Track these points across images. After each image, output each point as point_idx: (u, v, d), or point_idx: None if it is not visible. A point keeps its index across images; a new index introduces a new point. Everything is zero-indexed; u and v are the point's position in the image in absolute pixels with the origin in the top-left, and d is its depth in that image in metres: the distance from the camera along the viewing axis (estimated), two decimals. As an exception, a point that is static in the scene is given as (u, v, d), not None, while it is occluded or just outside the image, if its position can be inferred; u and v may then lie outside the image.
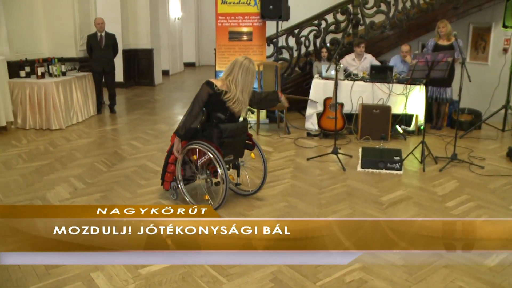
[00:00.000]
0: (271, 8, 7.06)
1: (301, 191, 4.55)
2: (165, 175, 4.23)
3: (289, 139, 6.59)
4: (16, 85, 7.05)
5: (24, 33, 7.90)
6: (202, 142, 3.95)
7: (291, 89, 8.31)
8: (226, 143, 3.98)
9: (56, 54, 8.12)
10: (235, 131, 4.04)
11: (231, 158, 4.17)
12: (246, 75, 3.94)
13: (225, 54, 7.62)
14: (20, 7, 7.76)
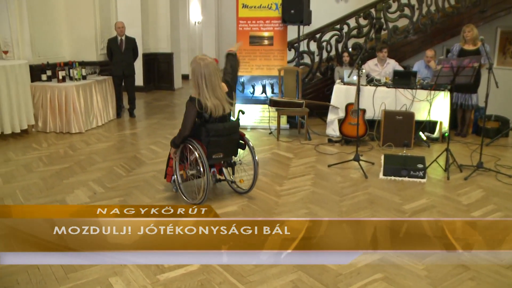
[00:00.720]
0: (292, 13, 7.07)
1: (322, 198, 4.53)
2: (167, 169, 4.58)
3: (310, 145, 6.57)
4: (37, 89, 7.20)
5: (46, 37, 8.06)
6: (192, 140, 4.24)
7: (312, 94, 8.30)
8: (213, 142, 4.22)
9: (77, 58, 8.28)
10: (222, 130, 4.26)
11: (220, 156, 4.38)
12: (211, 79, 4.10)
13: (245, 59, 7.65)
14: (42, 11, 7.93)
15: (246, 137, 4.56)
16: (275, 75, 7.53)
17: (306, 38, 8.19)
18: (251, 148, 4.53)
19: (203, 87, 4.09)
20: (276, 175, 5.23)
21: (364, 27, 8.30)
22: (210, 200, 4.43)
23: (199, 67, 4.08)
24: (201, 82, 4.08)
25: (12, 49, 7.39)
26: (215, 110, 4.16)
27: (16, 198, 4.45)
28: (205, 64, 4.10)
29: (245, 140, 4.53)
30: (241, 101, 7.74)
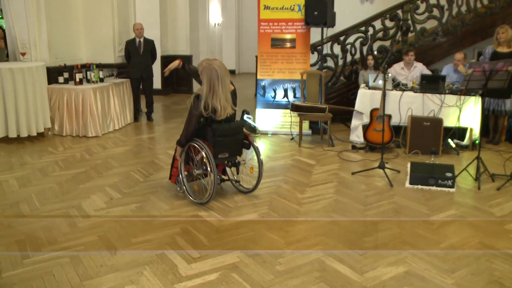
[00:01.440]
0: (315, 14, 7.06)
1: (345, 207, 4.50)
2: (172, 170, 4.78)
3: (333, 152, 6.54)
4: (54, 91, 7.33)
5: (63, 39, 8.20)
6: (198, 140, 4.44)
7: (336, 99, 8.27)
8: (219, 142, 4.44)
9: (94, 60, 8.41)
10: (228, 130, 4.49)
11: (226, 156, 4.59)
12: (224, 79, 4.35)
13: (267, 62, 7.67)
14: (60, 12, 8.08)
15: (250, 137, 4.78)
16: (297, 79, 7.53)
17: (329, 40, 8.19)
18: (256, 148, 4.75)
19: (218, 89, 4.31)
20: (298, 182, 5.22)
21: (390, 29, 8.26)
22: (229, 207, 4.44)
23: (214, 69, 4.29)
24: (217, 84, 4.30)
25: (30, 51, 7.55)
26: (223, 112, 4.38)
27: (31, 202, 4.53)
28: (219, 66, 4.34)
29: (250, 140, 4.75)
30: (262, 105, 7.76)
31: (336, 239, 3.76)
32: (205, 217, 4.20)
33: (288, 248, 3.61)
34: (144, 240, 3.72)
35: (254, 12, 8.68)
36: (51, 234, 3.81)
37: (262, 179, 5.24)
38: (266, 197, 4.73)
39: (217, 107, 4.33)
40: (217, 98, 4.32)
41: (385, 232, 3.91)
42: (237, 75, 18.56)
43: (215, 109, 4.34)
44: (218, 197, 4.72)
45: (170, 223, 4.06)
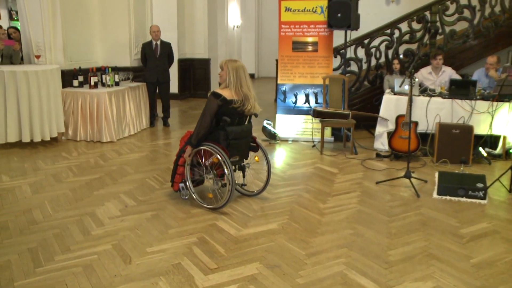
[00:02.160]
0: (339, 16, 7.05)
1: (369, 218, 4.46)
2: (175, 176, 4.78)
3: (356, 160, 6.50)
4: (68, 95, 7.44)
5: (78, 41, 8.33)
6: (210, 144, 4.50)
7: (359, 105, 8.24)
8: (232, 145, 4.54)
9: (110, 63, 8.52)
10: (240, 133, 4.61)
11: (236, 159, 4.73)
12: (247, 75, 4.59)
13: (288, 66, 7.68)
14: (76, 14, 8.21)
15: (257, 139, 4.96)
16: (319, 84, 7.52)
17: (353, 44, 8.16)
18: (265, 150, 4.92)
19: (245, 78, 4.52)
20: (319, 192, 5.19)
21: (417, 32, 8.20)
22: (248, 216, 4.44)
23: (237, 61, 4.57)
24: (242, 73, 4.51)
25: (44, 54, 7.69)
26: (254, 103, 4.60)
27: (44, 209, 4.59)
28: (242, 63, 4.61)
29: (257, 142, 4.91)
30: (283, 111, 7.76)
31: (360, 252, 3.73)
32: (223, 227, 4.20)
33: (309, 260, 3.58)
34: (159, 250, 3.74)
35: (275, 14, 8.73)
36: (64, 242, 3.85)
37: (282, 188, 5.26)
38: (287, 207, 4.72)
39: (249, 95, 4.53)
40: (247, 87, 4.51)
41: (411, 245, 3.86)
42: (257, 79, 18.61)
43: (248, 98, 4.52)
44: (236, 205, 4.72)
45: (187, 232, 4.07)
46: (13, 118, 6.72)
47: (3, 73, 6.59)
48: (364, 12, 7.63)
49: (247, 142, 4.80)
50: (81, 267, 3.44)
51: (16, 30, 8.90)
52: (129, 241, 3.90)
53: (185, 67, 12.12)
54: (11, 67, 7.06)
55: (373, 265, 3.51)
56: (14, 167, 6.02)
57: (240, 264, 3.51)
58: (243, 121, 4.73)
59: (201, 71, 12.48)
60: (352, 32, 7.59)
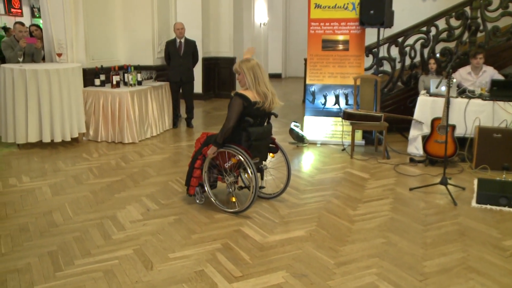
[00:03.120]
0: (371, 13, 6.99)
1: (402, 226, 4.41)
2: (191, 180, 4.83)
3: (389, 165, 6.44)
4: (90, 94, 7.56)
5: (100, 39, 8.47)
6: (231, 145, 4.57)
7: (392, 106, 8.16)
8: (254, 146, 4.61)
9: (132, 62, 8.63)
10: (262, 134, 4.71)
11: (257, 161, 4.77)
12: (264, 72, 4.65)
13: (317, 66, 7.66)
14: (98, 12, 8.35)
15: (276, 140, 5.03)
16: (350, 84, 7.48)
17: (386, 42, 8.10)
18: (285, 152, 5.01)
19: (262, 76, 4.58)
20: (349, 198, 5.16)
21: (456, 29, 8.08)
22: (274, 223, 4.44)
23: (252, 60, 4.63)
24: (258, 71, 4.57)
25: (66, 52, 7.83)
26: (274, 100, 4.64)
27: (65, 211, 4.67)
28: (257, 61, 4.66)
29: (277, 144, 4.99)
30: (311, 112, 7.74)
31: (392, 262, 3.69)
32: (248, 233, 4.21)
33: (339, 269, 3.56)
34: (182, 256, 3.76)
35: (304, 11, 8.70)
36: (84, 246, 3.91)
37: (310, 193, 5.25)
38: (315, 213, 4.70)
39: (267, 92, 4.57)
40: (264, 85, 4.57)
41: (448, 257, 3.80)
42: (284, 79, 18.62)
43: (266, 96, 4.57)
44: (262, 211, 4.73)
45: (210, 238, 4.09)
46: (34, 117, 6.87)
47: (24, 72, 6.74)
48: (398, 9, 7.55)
49: (267, 143, 4.91)
50: (102, 272, 3.49)
51: (38, 27, 9.08)
52: (151, 246, 3.93)
53: (209, 66, 12.19)
54: (32, 65, 7.22)
55: (406, 276, 3.47)
56: (34, 168, 6.15)
57: (266, 272, 3.51)
58: (264, 122, 4.82)
59: (226, 70, 12.52)
60: (385, 30, 7.53)
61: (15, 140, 6.93)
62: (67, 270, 3.51)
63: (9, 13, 15.06)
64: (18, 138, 6.90)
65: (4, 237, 4.07)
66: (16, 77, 6.75)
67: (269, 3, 17.15)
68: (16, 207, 4.79)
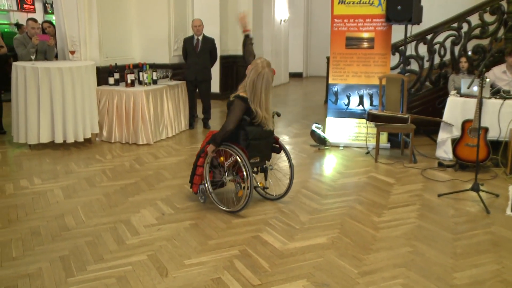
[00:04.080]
0: (399, 9, 6.94)
1: (431, 234, 4.36)
2: (194, 178, 5.00)
3: (416, 169, 6.39)
4: (104, 93, 7.64)
5: (115, 36, 8.56)
6: (229, 144, 4.73)
7: (420, 107, 8.10)
8: (252, 145, 4.75)
9: (148, 60, 8.69)
10: (261, 133, 4.81)
11: (257, 160, 4.92)
12: (268, 90, 4.74)
13: (340, 64, 7.63)
14: (113, 8, 8.44)
15: (280, 140, 5.14)
16: (375, 84, 7.44)
17: (414, 39, 8.05)
18: (287, 152, 5.09)
19: (261, 95, 4.68)
20: (374, 204, 5.13)
21: (490, 25, 7.99)
22: (295, 229, 4.43)
23: (262, 76, 4.67)
24: (259, 88, 4.66)
25: (79, 49, 7.93)
26: (264, 122, 4.77)
27: (77, 215, 4.72)
28: (268, 73, 4.71)
29: (280, 143, 5.10)
30: (334, 114, 7.72)
31: (419, 273, 3.65)
32: (267, 239, 4.20)
33: (362, 279, 3.54)
34: (198, 263, 3.77)
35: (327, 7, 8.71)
36: (97, 251, 3.95)
37: (332, 198, 5.24)
38: (337, 219, 4.68)
39: (258, 112, 4.70)
40: (258, 103, 4.70)
41: (480, 268, 3.74)
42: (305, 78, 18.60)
43: (255, 115, 4.71)
44: (282, 217, 4.72)
45: (228, 244, 4.09)
46: (46, 117, 6.96)
47: (37, 70, 6.84)
48: (427, 4, 7.49)
49: (269, 142, 4.99)
50: (115, 278, 3.51)
51: (51, 24, 9.20)
52: (166, 252, 3.95)
53: (227, 64, 12.22)
54: (45, 63, 7.31)
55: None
56: (46, 170, 6.23)
57: (286, 281, 3.50)
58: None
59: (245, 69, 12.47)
60: (413, 27, 7.46)
61: (27, 140, 7.02)
62: (79, 276, 3.55)
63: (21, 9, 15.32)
64: (30, 139, 7.00)
65: (15, 241, 4.13)
66: (28, 75, 6.85)
67: (290, -2, 17.15)
68: (27, 210, 4.85)
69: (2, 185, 5.60)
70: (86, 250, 3.97)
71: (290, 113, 10.83)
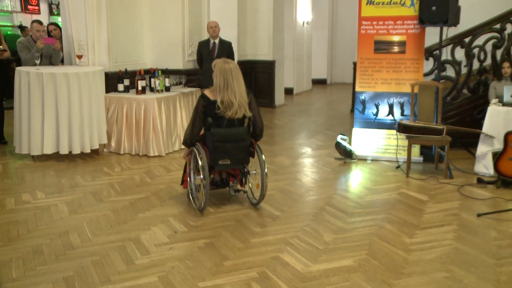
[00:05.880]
0: (433, 10, 6.90)
1: (469, 259, 4.30)
2: (185, 174, 5.60)
3: (452, 186, 6.33)
4: (112, 101, 7.71)
5: (125, 40, 8.63)
6: (198, 144, 5.24)
7: (456, 117, 8.04)
8: (218, 147, 5.12)
9: (160, 65, 8.74)
10: (227, 136, 5.15)
11: (227, 163, 5.25)
12: (238, 79, 5.14)
13: (368, 71, 7.61)
14: (123, 9, 8.51)
15: (257, 145, 5.42)
16: (406, 92, 7.41)
17: (450, 43, 7.99)
18: (260, 157, 5.33)
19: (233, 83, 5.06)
20: (405, 223, 5.08)
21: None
22: (318, 249, 4.40)
23: (228, 64, 5.12)
24: (230, 78, 5.06)
25: (87, 53, 8.01)
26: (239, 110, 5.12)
27: (83, 232, 4.75)
28: (234, 64, 5.21)
29: (255, 148, 5.38)
30: (361, 124, 7.69)
31: (457, 300, 3.61)
32: (288, 260, 4.19)
33: (393, 307, 3.51)
34: (213, 285, 3.77)
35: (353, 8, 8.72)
36: (104, 272, 3.96)
37: (359, 216, 5.22)
38: (365, 239, 4.65)
39: (233, 101, 5.07)
40: (232, 93, 5.08)
41: (524, 296, 3.70)
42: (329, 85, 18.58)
43: (231, 104, 5.08)
44: (304, 236, 4.71)
45: (245, 266, 4.09)
46: (50, 126, 7.04)
47: (41, 75, 6.93)
48: (465, 4, 7.43)
49: (240, 146, 5.23)
50: (123, 301, 3.53)
51: (57, 27, 9.30)
52: (178, 273, 3.95)
53: (245, 70, 12.23)
54: (50, 68, 7.41)
55: (474, 317, 3.39)
56: (50, 183, 6.29)
57: (309, 307, 3.48)
58: (233, 124, 5.22)
59: (265, 75, 12.58)
60: (449, 29, 7.42)
61: (29, 151, 7.11)
62: (84, 298, 3.57)
63: (25, 11, 15.56)
64: (33, 149, 7.08)
65: (16, 260, 4.17)
66: (32, 81, 6.94)
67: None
68: (29, 226, 4.90)
69: (3, 200, 5.66)
70: (92, 270, 3.98)
71: (313, 123, 10.82)
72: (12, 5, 15.22)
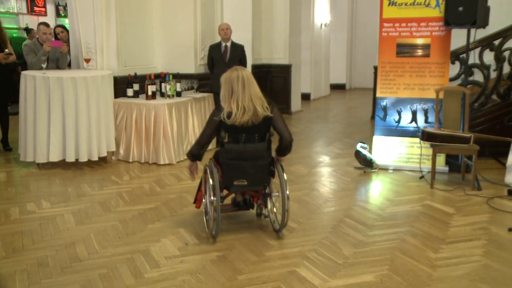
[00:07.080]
0: (460, 11, 6.85)
1: (500, 276, 4.25)
2: (198, 193, 5.26)
3: (480, 198, 6.28)
4: (121, 106, 7.75)
5: (135, 43, 8.70)
6: (212, 161, 4.98)
7: (485, 125, 7.98)
8: (233, 165, 4.78)
9: (171, 69, 8.79)
10: (243, 153, 4.77)
11: (244, 184, 4.86)
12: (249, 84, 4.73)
13: (390, 75, 7.58)
14: (133, 12, 8.57)
15: (280, 164, 4.98)
16: (431, 98, 7.38)
17: (478, 45, 7.95)
18: (281, 177, 4.88)
19: (238, 89, 4.68)
20: (430, 237, 5.04)
21: None
22: (337, 264, 4.38)
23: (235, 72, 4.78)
24: (236, 85, 4.70)
25: (95, 57, 8.06)
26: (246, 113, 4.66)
27: (90, 244, 4.76)
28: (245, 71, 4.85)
29: (277, 167, 4.96)
30: (382, 131, 7.66)
31: (486, 319, 3.57)
32: (305, 275, 4.17)
33: (418, 325, 3.47)
34: (226, 301, 3.76)
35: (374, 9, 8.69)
36: (112, 286, 3.97)
37: (381, 229, 5.18)
38: (386, 254, 4.62)
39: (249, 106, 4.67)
40: (235, 99, 4.69)
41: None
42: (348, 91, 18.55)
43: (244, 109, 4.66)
44: (322, 249, 4.68)
45: (260, 280, 4.07)
46: (56, 133, 7.08)
47: (48, 79, 6.98)
48: (495, 4, 7.38)
49: (258, 165, 4.84)
50: (131, 317, 3.52)
51: (64, 29, 9.39)
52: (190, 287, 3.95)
53: (260, 74, 12.26)
54: (57, 72, 7.47)
55: (504, 337, 3.34)
56: (55, 192, 6.32)
57: (328, 325, 3.46)
58: (252, 139, 4.84)
59: (280, 80, 12.58)
60: (477, 31, 7.38)
61: (35, 159, 7.16)
62: (91, 313, 3.57)
63: (31, 12, 15.71)
64: (38, 157, 7.13)
65: (20, 273, 4.18)
66: (38, 85, 7.00)
67: (332, 0, 17.17)
68: (34, 237, 4.92)
69: (7, 209, 5.70)
70: (99, 284, 3.99)
71: (332, 130, 10.80)
72: (18, 7, 15.37)
